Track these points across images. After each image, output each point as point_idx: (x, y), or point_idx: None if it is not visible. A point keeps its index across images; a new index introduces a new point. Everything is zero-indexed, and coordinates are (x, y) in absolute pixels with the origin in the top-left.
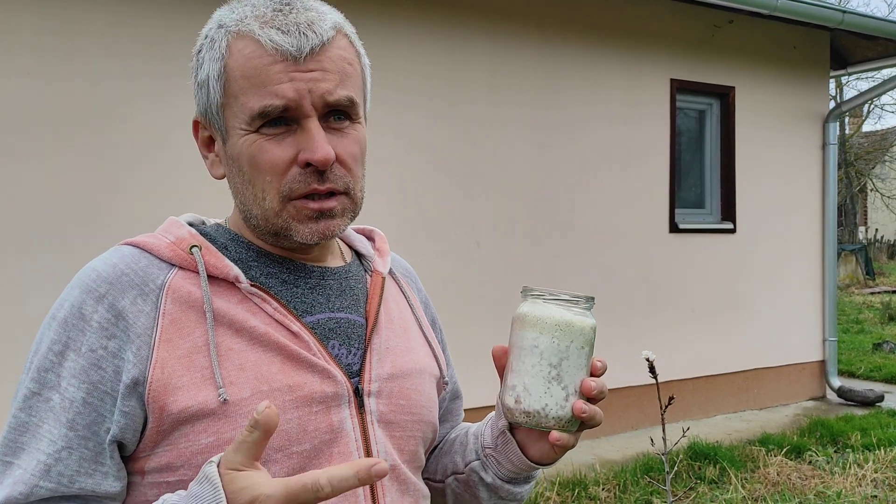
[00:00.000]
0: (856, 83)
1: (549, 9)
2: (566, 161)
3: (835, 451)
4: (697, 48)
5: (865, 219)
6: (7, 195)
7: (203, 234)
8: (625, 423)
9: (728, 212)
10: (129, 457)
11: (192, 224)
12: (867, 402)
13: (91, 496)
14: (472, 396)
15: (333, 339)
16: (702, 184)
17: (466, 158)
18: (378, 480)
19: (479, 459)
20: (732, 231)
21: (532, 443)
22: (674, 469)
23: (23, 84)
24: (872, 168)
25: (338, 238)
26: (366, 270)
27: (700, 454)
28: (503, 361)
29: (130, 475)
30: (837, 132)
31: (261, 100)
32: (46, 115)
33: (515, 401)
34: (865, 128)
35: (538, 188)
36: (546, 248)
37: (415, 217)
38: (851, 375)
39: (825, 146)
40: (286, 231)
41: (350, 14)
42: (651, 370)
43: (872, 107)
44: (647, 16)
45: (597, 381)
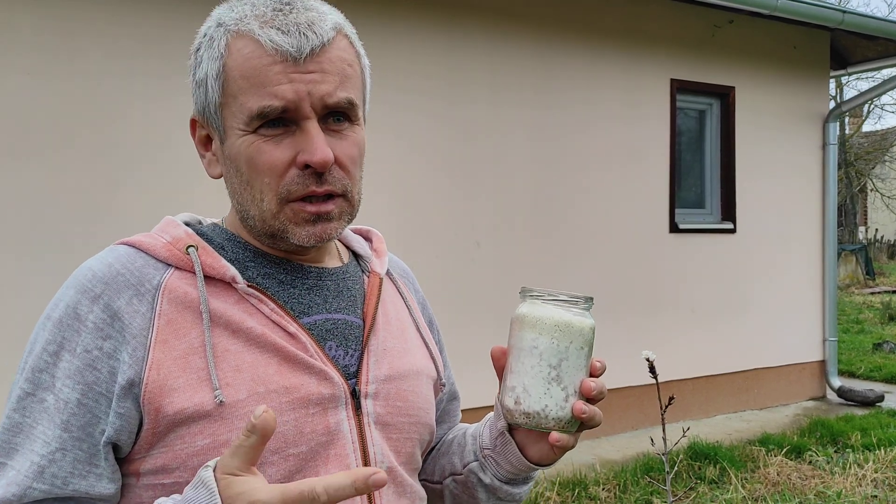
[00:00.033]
0: (856, 83)
1: (549, 9)
2: (566, 161)
3: (835, 451)
4: (697, 48)
5: (865, 219)
6: (6, 194)
7: (200, 234)
8: (625, 423)
9: (728, 212)
10: (125, 458)
11: (189, 224)
12: (867, 402)
13: (85, 498)
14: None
15: (330, 341)
16: (702, 184)
17: (466, 158)
18: (375, 490)
19: (478, 460)
20: (732, 231)
21: (531, 443)
22: (674, 469)
23: (23, 83)
24: (872, 168)
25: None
26: (363, 271)
27: (700, 454)
28: (502, 362)
29: (125, 477)
30: (837, 132)
31: (260, 100)
32: (46, 115)
33: (515, 402)
34: (865, 128)
35: (538, 188)
36: (546, 248)
37: (415, 217)
38: (851, 375)
39: (825, 146)
40: (283, 233)
41: (350, 14)
42: (651, 370)
43: (872, 107)
44: (647, 16)
45: (596, 382)
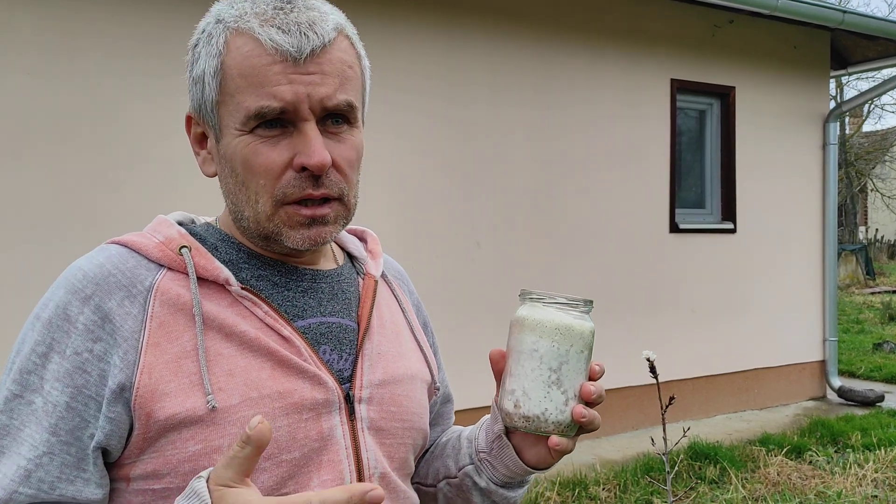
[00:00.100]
0: (856, 83)
1: (549, 9)
2: (566, 161)
3: (835, 451)
4: (698, 48)
5: (866, 219)
6: (6, 194)
7: (193, 234)
8: (625, 423)
9: (728, 212)
10: (114, 463)
11: (182, 223)
12: (867, 402)
13: (72, 503)
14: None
15: (325, 345)
16: (702, 184)
17: (467, 159)
18: None
19: (473, 464)
20: (733, 231)
21: (529, 447)
22: (674, 469)
23: (23, 83)
24: (873, 168)
25: None
26: (358, 273)
27: (700, 454)
28: (500, 365)
29: (115, 482)
30: (838, 132)
31: (258, 100)
32: (46, 114)
33: (514, 405)
34: (866, 128)
35: (538, 188)
36: (546, 248)
37: (415, 217)
38: (852, 375)
39: (825, 146)
40: (277, 236)
41: (350, 13)
42: (652, 370)
43: (873, 107)
44: (648, 16)
45: (596, 386)
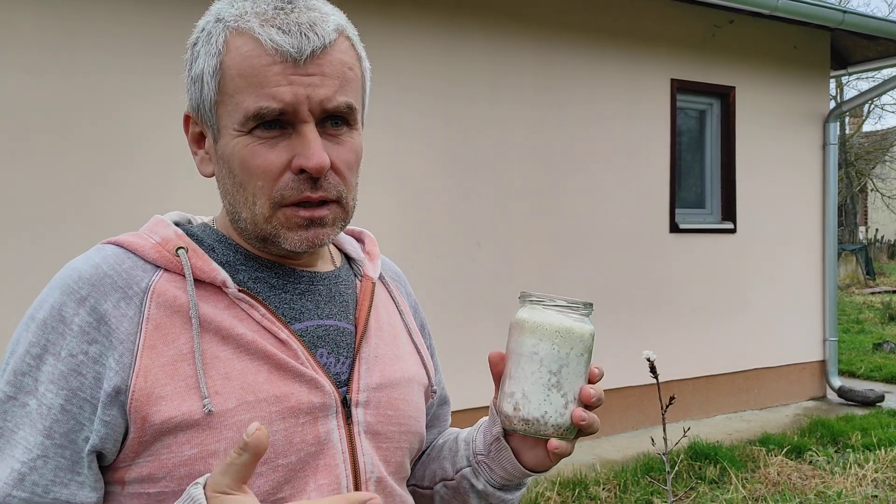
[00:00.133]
0: (856, 83)
1: (550, 8)
2: (567, 161)
3: (835, 451)
4: (698, 48)
5: (866, 219)
6: (6, 193)
7: (189, 235)
8: (625, 423)
9: (728, 212)
10: (109, 466)
11: (179, 223)
12: (867, 402)
13: None
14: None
15: (322, 348)
16: (702, 184)
17: (467, 159)
18: None
19: (471, 466)
20: (733, 231)
21: (527, 450)
22: (674, 469)
23: (23, 82)
24: (873, 168)
25: None
26: (355, 275)
27: (700, 454)
28: (500, 368)
29: (110, 485)
30: (838, 132)
31: (257, 101)
32: (46, 113)
33: (514, 408)
34: (866, 128)
35: (539, 188)
36: (546, 248)
37: (415, 217)
38: (852, 375)
39: (825, 146)
40: (275, 238)
41: (351, 13)
42: (652, 370)
43: (873, 107)
44: (648, 16)
45: (595, 389)
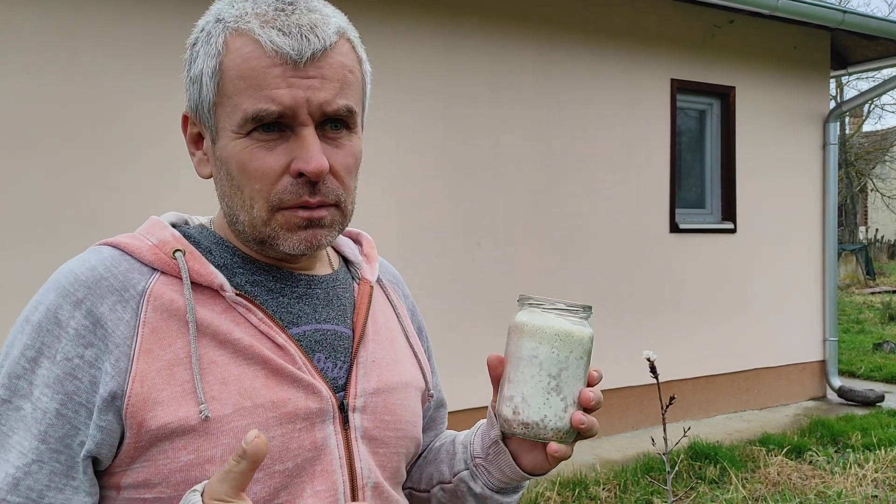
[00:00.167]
0: (856, 83)
1: (550, 9)
2: (567, 161)
3: (835, 451)
4: (698, 48)
5: (866, 219)
6: (6, 193)
7: (186, 237)
8: (625, 423)
9: (728, 212)
10: (104, 471)
11: (175, 225)
12: (867, 402)
13: None
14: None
15: (319, 352)
16: (702, 184)
17: (467, 159)
18: None
19: (468, 469)
20: (733, 231)
21: (526, 453)
22: (674, 469)
23: (23, 81)
24: (873, 168)
25: None
26: (353, 278)
27: (700, 454)
28: (498, 371)
29: (105, 489)
30: (838, 132)
31: (255, 103)
32: (46, 113)
33: (513, 412)
34: (866, 128)
35: (539, 188)
36: (546, 249)
37: (415, 216)
38: (852, 375)
39: (825, 146)
40: (273, 240)
41: (351, 13)
42: (652, 370)
43: (873, 107)
44: (648, 16)
45: (595, 392)
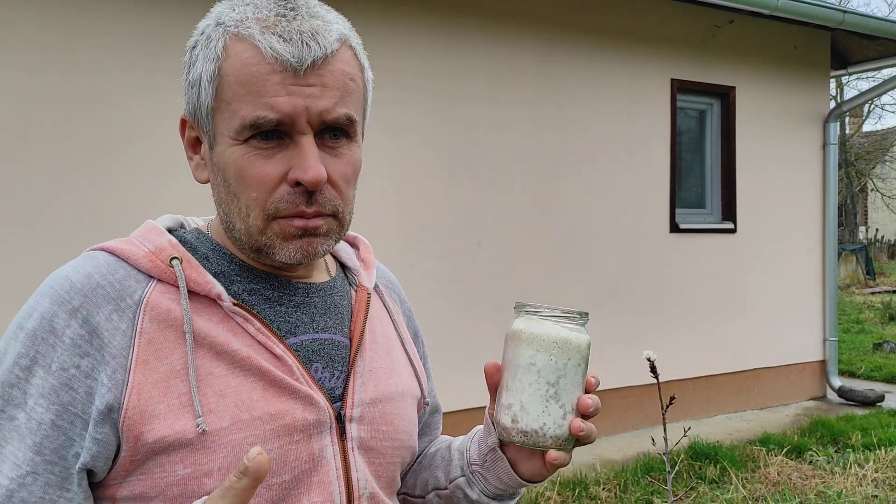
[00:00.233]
0: (856, 83)
1: (550, 9)
2: (567, 161)
3: (835, 451)
4: (698, 48)
5: (866, 219)
6: (6, 193)
7: (183, 242)
8: (625, 423)
9: (728, 211)
10: (100, 483)
11: (171, 229)
12: (868, 402)
13: None
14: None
15: (317, 362)
16: (702, 183)
17: (467, 159)
18: None
19: (465, 476)
20: (733, 231)
21: (524, 460)
22: (675, 469)
23: (23, 81)
24: (873, 168)
25: None
26: (350, 284)
27: (701, 454)
28: (495, 378)
29: (100, 501)
30: (838, 132)
31: (254, 110)
32: (46, 112)
33: (512, 420)
34: (866, 128)
35: (539, 188)
36: (547, 249)
37: (415, 217)
38: (852, 375)
39: (826, 146)
40: (269, 249)
41: (351, 13)
42: (652, 370)
43: (873, 107)
44: (648, 16)
45: (593, 399)
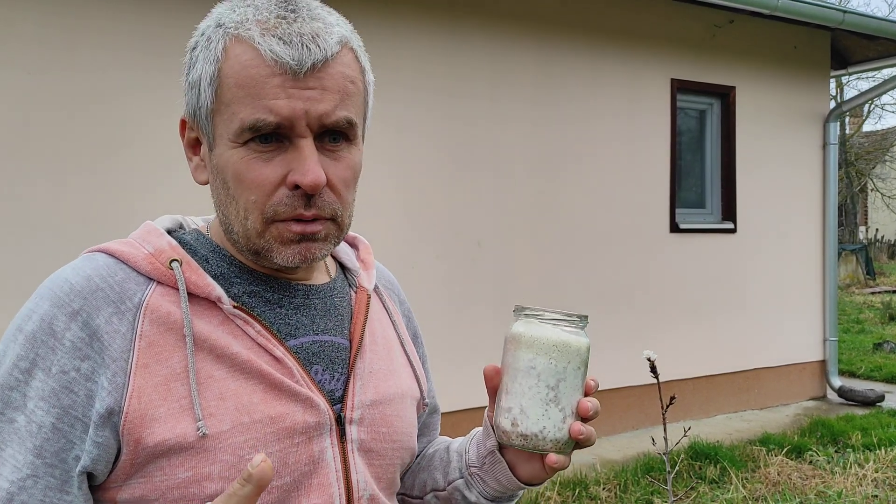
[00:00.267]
0: (856, 83)
1: (550, 8)
2: (567, 161)
3: (835, 451)
4: (698, 48)
5: (866, 218)
6: (6, 193)
7: (182, 244)
8: (625, 423)
9: (728, 211)
10: (100, 486)
11: (170, 231)
12: (868, 402)
13: None
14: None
15: (317, 364)
16: (702, 183)
17: (467, 158)
18: None
19: (463, 478)
20: (733, 231)
21: (523, 463)
22: (675, 469)
23: (23, 81)
24: (873, 168)
25: None
26: (350, 285)
27: (701, 454)
28: (495, 382)
29: (100, 503)
30: (838, 132)
31: (253, 113)
32: (46, 112)
33: (512, 423)
34: (866, 128)
35: (539, 188)
36: (547, 249)
37: (415, 216)
38: (852, 375)
39: (826, 146)
40: (267, 252)
41: (352, 13)
42: (652, 370)
43: (873, 107)
44: (648, 16)
45: (592, 402)
